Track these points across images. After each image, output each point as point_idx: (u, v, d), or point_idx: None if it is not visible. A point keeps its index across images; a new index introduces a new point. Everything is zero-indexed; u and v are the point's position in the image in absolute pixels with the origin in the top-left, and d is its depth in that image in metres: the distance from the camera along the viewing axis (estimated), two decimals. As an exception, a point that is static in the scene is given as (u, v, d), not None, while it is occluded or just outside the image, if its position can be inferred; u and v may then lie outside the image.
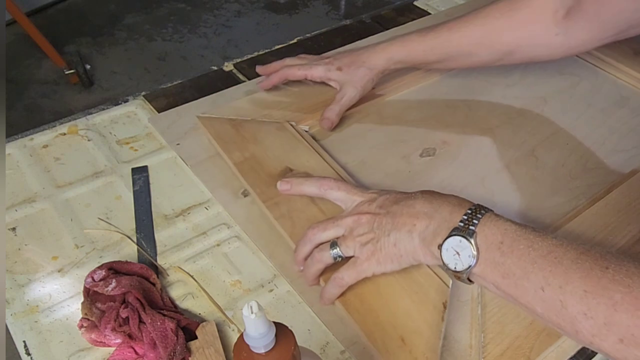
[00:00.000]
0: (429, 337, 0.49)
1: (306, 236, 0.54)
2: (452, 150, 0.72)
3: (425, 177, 0.68)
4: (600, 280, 0.39)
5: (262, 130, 0.71)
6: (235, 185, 0.67)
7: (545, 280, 0.41)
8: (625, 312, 0.37)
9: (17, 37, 2.34)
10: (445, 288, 0.50)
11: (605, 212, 0.62)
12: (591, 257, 0.40)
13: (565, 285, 0.40)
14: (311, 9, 2.71)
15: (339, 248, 0.51)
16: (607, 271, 0.39)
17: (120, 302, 0.53)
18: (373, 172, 0.68)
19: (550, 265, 0.41)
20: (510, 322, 0.52)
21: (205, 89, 0.82)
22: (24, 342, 0.53)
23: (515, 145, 0.73)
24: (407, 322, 0.50)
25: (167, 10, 2.66)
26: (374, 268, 0.50)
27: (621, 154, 0.72)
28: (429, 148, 0.72)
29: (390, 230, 0.49)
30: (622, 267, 0.39)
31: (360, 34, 0.93)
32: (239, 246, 0.62)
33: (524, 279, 0.42)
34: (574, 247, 0.42)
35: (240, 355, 0.35)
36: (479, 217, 0.45)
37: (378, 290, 0.53)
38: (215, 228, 0.63)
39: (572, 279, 0.40)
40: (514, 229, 0.44)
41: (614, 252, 0.41)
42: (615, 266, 0.39)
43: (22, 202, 0.65)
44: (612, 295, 0.38)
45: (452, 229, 0.45)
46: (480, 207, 0.46)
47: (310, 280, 0.54)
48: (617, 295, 0.38)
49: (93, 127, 0.75)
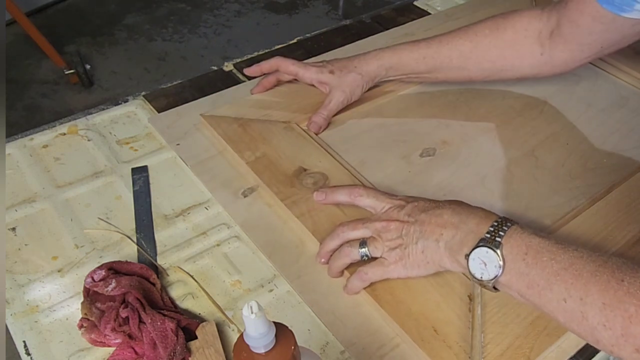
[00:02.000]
0: (459, 327, 0.52)
1: (335, 232, 0.56)
2: (452, 150, 0.72)
3: (425, 177, 0.68)
4: (617, 293, 0.41)
5: (269, 129, 0.72)
6: (235, 185, 0.67)
7: (567, 292, 0.43)
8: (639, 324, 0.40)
9: (17, 37, 2.34)
10: (469, 282, 0.55)
11: (606, 212, 0.62)
12: (609, 269, 0.43)
13: (585, 298, 0.42)
14: (311, 9, 2.71)
15: (367, 248, 0.54)
16: (622, 284, 0.41)
17: (120, 302, 0.53)
18: (373, 172, 0.68)
19: (571, 277, 0.43)
20: (511, 322, 0.52)
21: (205, 89, 0.82)
22: (24, 342, 0.53)
23: (515, 145, 0.73)
24: (438, 314, 0.53)
25: (167, 10, 2.66)
26: (400, 272, 0.53)
27: (621, 154, 0.72)
28: (429, 148, 0.72)
29: (418, 238, 0.52)
30: (637, 280, 0.41)
31: (360, 34, 0.93)
32: (239, 246, 0.62)
33: (547, 289, 0.44)
34: (592, 259, 0.44)
35: (240, 355, 0.35)
36: (505, 230, 0.47)
37: (406, 283, 0.55)
38: (215, 228, 0.63)
39: (592, 291, 0.42)
40: (537, 241, 0.46)
41: (630, 263, 0.43)
42: (630, 278, 0.41)
43: (22, 202, 0.65)
44: (627, 308, 0.40)
45: (479, 240, 0.48)
46: (507, 220, 0.49)
47: (334, 272, 0.56)
48: (632, 308, 0.40)
49: (93, 127, 0.75)
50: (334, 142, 0.72)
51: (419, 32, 0.90)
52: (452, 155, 0.71)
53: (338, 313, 0.55)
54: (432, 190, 0.66)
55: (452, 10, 0.98)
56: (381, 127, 0.75)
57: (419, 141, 0.73)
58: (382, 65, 0.73)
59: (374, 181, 0.67)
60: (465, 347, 0.50)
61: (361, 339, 0.53)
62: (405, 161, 0.70)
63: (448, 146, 0.72)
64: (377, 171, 0.69)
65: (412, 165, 0.70)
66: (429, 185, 0.67)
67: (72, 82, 2.20)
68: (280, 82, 0.78)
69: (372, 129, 0.75)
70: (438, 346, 0.51)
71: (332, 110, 0.74)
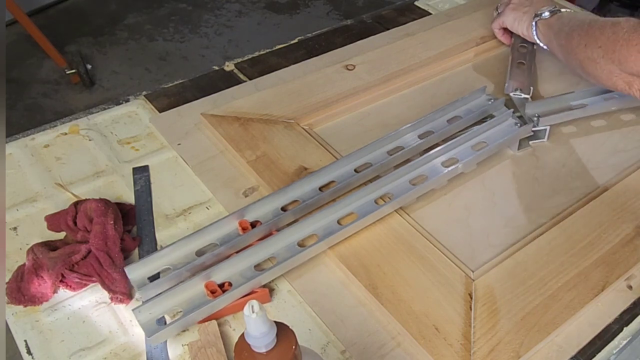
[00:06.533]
0: (460, 325, 0.52)
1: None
2: (452, 150, 0.72)
3: (426, 177, 0.68)
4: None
5: (270, 129, 0.72)
6: (236, 185, 0.67)
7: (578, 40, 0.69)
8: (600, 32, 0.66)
9: (18, 37, 2.35)
10: (469, 280, 0.56)
11: (600, 211, 0.62)
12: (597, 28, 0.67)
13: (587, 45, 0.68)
14: (312, 8, 2.71)
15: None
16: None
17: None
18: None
19: (580, 31, 0.69)
20: (501, 317, 0.53)
21: (206, 88, 0.82)
22: (25, 342, 0.53)
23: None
24: (439, 312, 0.53)
25: (168, 10, 2.66)
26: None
27: (621, 154, 0.72)
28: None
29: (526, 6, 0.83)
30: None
31: (361, 34, 0.93)
32: (239, 246, 0.62)
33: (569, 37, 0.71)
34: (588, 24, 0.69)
35: (241, 354, 0.35)
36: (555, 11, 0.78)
37: (407, 282, 0.55)
38: (216, 228, 0.63)
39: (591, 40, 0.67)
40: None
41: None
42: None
43: (23, 202, 0.66)
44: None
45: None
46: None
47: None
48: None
49: (94, 127, 0.76)
50: (335, 142, 0.72)
51: (419, 32, 0.90)
52: (453, 155, 0.71)
53: (339, 313, 0.55)
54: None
55: (452, 10, 0.98)
56: (382, 126, 0.75)
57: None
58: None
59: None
60: (466, 345, 0.51)
61: (362, 338, 0.53)
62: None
63: (449, 146, 0.72)
64: (377, 171, 0.69)
65: (412, 165, 0.70)
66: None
67: (74, 82, 2.20)
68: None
69: (372, 128, 0.75)
70: (439, 344, 0.51)
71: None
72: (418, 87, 0.82)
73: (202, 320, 0.53)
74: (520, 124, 0.71)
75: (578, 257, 0.58)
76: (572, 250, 0.58)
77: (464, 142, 0.68)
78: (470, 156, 0.67)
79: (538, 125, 0.71)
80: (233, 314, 0.55)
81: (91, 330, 0.54)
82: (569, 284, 0.55)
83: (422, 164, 0.66)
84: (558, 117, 0.73)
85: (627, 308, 0.56)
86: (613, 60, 0.64)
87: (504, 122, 0.71)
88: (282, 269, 0.57)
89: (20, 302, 0.55)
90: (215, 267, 0.55)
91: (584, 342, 0.53)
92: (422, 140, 0.68)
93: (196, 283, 0.54)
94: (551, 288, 0.55)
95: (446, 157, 0.67)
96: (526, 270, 0.57)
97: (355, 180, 0.65)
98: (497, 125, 0.71)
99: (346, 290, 0.57)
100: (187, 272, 0.55)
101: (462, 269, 0.57)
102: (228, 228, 0.60)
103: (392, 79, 0.80)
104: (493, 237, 0.62)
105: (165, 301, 0.53)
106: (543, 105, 0.74)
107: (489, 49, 0.89)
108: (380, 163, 0.66)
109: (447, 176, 0.66)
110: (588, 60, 0.68)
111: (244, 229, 0.59)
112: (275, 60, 0.88)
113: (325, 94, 0.77)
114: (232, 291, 0.54)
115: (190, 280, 0.54)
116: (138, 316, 0.52)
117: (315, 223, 0.60)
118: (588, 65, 0.68)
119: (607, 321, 0.55)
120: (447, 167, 0.66)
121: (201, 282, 0.54)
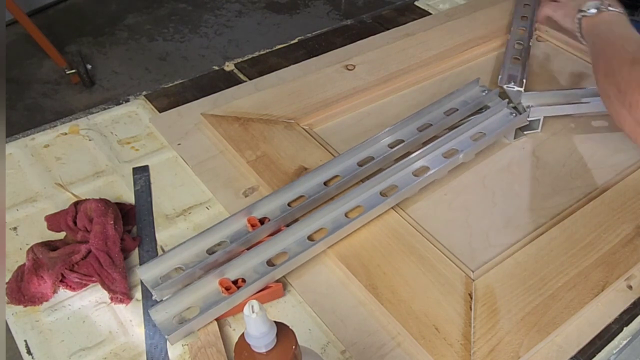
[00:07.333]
0: (460, 325, 0.52)
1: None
2: (452, 150, 0.72)
3: (426, 177, 0.68)
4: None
5: (270, 129, 0.72)
6: (236, 185, 0.67)
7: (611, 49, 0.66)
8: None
9: (18, 37, 2.35)
10: (469, 280, 0.56)
11: (600, 211, 0.62)
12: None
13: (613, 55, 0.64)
14: (312, 9, 2.71)
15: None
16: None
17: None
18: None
19: (604, 56, 0.66)
20: (501, 317, 0.53)
21: (206, 88, 0.82)
22: (25, 342, 0.53)
23: (515, 145, 0.73)
24: (439, 312, 0.53)
25: (168, 10, 2.66)
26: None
27: (621, 154, 0.72)
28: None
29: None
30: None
31: (360, 34, 0.93)
32: (239, 246, 0.62)
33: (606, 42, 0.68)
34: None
35: (241, 354, 0.35)
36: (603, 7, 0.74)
37: (407, 282, 0.55)
38: (216, 228, 0.63)
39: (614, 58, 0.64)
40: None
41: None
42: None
43: (23, 202, 0.66)
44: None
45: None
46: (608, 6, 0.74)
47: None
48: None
49: (94, 127, 0.76)
50: (335, 142, 0.72)
51: (419, 32, 0.90)
52: (453, 155, 0.71)
53: (339, 313, 0.55)
54: (432, 187, 0.66)
55: (452, 11, 0.98)
56: (382, 126, 0.75)
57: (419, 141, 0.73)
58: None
59: (375, 181, 0.67)
60: (466, 345, 0.51)
61: (362, 338, 0.53)
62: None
63: (449, 146, 0.72)
64: (377, 171, 0.69)
65: (412, 165, 0.70)
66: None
67: (74, 82, 2.20)
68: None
69: (372, 128, 0.75)
70: (439, 344, 0.51)
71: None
72: (418, 87, 0.82)
73: (220, 317, 0.53)
74: (516, 114, 0.72)
75: (578, 257, 0.58)
76: (572, 250, 0.58)
77: (463, 132, 0.69)
78: (469, 147, 0.68)
79: (530, 115, 0.73)
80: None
81: (91, 330, 0.54)
82: (569, 284, 0.55)
83: (423, 155, 0.66)
84: (552, 109, 0.74)
85: (627, 308, 0.56)
86: (624, 103, 0.60)
87: (499, 112, 0.72)
88: (294, 264, 0.57)
89: (20, 302, 0.55)
90: (228, 265, 0.55)
91: (584, 342, 0.53)
92: (422, 132, 0.69)
93: (210, 281, 0.54)
94: (551, 288, 0.55)
95: (446, 148, 0.68)
96: (526, 270, 0.57)
97: (359, 173, 0.65)
98: (493, 115, 0.72)
99: (346, 290, 0.57)
100: (199, 270, 0.55)
101: (462, 268, 0.57)
102: (237, 226, 0.60)
103: (392, 79, 0.80)
104: (493, 237, 0.62)
105: (181, 300, 0.53)
106: (539, 97, 0.75)
107: (489, 49, 0.89)
108: (383, 156, 0.66)
109: (448, 167, 0.66)
110: (603, 92, 0.65)
111: (253, 225, 0.59)
112: (275, 60, 0.88)
113: (325, 94, 0.77)
114: (247, 287, 0.54)
115: (204, 278, 0.54)
116: (155, 316, 0.52)
117: (323, 217, 0.60)
118: (603, 96, 0.65)
119: (607, 321, 0.55)
120: (447, 157, 0.66)
121: (215, 279, 0.54)
